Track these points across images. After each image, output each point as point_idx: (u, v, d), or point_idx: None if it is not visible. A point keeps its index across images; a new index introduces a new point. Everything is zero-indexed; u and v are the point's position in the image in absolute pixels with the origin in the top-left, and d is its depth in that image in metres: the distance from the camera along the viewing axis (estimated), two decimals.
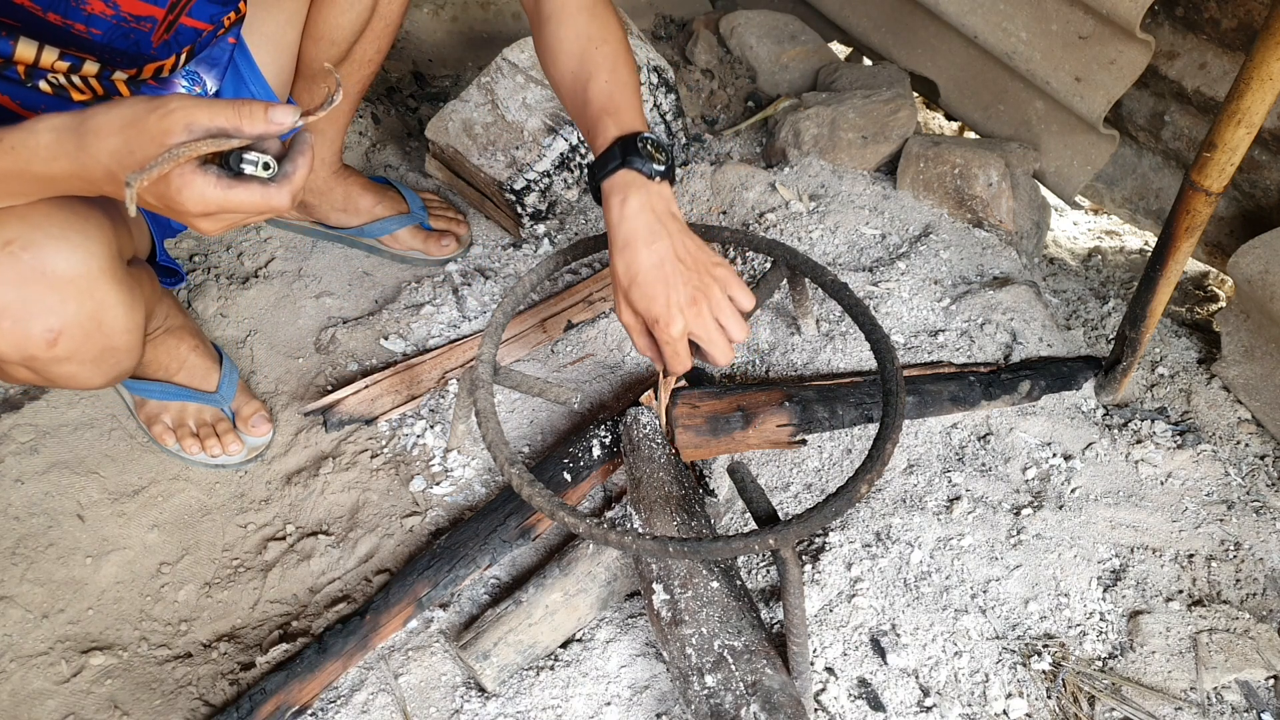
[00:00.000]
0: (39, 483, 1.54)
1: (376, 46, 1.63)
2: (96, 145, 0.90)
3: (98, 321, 1.11)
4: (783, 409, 1.47)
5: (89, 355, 1.13)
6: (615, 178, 1.18)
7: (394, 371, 1.70)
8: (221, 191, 0.91)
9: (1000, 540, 1.44)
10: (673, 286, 1.15)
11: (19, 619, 1.41)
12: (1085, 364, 1.68)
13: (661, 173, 1.19)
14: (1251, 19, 1.69)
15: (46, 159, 0.92)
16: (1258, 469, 1.60)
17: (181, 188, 0.90)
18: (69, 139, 0.91)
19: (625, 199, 1.17)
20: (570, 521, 1.14)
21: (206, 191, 0.90)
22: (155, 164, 0.87)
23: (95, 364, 1.15)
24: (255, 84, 1.51)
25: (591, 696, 1.28)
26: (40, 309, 1.06)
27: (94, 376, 1.17)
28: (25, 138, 0.91)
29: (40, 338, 1.07)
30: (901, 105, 2.08)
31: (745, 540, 1.10)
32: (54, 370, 1.12)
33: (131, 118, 0.89)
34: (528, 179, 1.86)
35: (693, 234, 1.20)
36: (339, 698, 1.31)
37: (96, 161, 0.90)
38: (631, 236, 1.16)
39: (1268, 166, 1.78)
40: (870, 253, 1.90)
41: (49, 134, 0.91)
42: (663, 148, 1.20)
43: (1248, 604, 1.42)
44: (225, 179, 0.91)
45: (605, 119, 1.21)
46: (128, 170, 0.89)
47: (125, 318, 1.14)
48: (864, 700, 1.26)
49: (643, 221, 1.16)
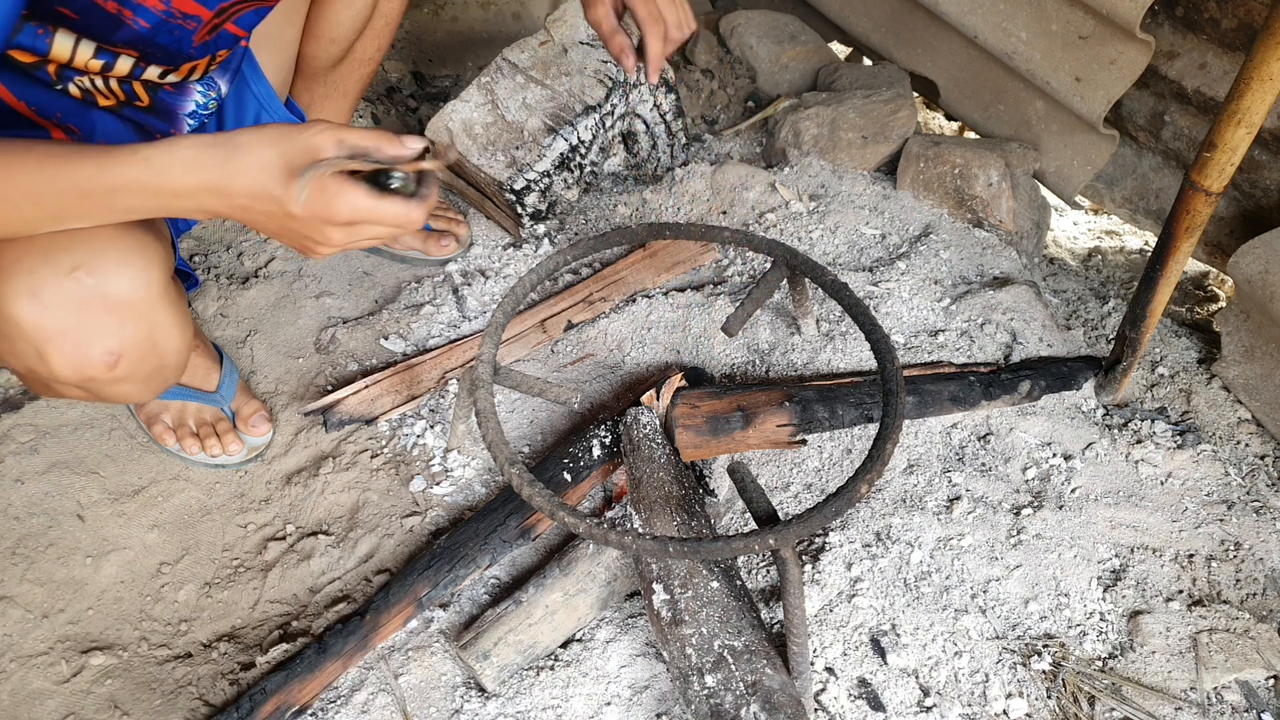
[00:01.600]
0: (39, 483, 1.54)
1: (376, 45, 1.63)
2: (246, 158, 0.94)
3: (153, 343, 1.13)
4: (783, 409, 1.47)
5: (142, 375, 1.14)
6: None
7: (394, 371, 1.70)
8: (373, 201, 0.96)
9: (1000, 540, 1.44)
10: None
11: (19, 619, 1.41)
12: (1085, 364, 1.68)
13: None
14: (1251, 19, 1.69)
15: (185, 171, 0.94)
16: (1258, 469, 1.60)
17: (338, 193, 0.95)
18: (214, 151, 0.94)
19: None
20: (570, 521, 1.14)
21: (359, 200, 0.96)
22: (318, 167, 0.94)
23: (146, 382, 1.17)
24: (257, 83, 1.51)
25: (591, 696, 1.28)
26: (101, 332, 1.08)
27: (144, 393, 1.19)
28: (165, 150, 0.94)
29: (100, 360, 1.09)
30: (901, 105, 2.08)
31: (745, 540, 1.10)
32: (108, 390, 1.13)
33: (281, 134, 0.95)
34: (528, 179, 1.86)
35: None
36: (339, 698, 1.31)
37: (241, 173, 0.94)
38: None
39: (1268, 166, 1.78)
40: (870, 253, 1.90)
41: (191, 148, 0.95)
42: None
43: (1248, 604, 1.42)
44: (375, 191, 0.97)
45: None
46: (275, 181, 0.94)
47: (178, 338, 1.16)
48: (864, 700, 1.26)
49: None
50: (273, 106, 1.56)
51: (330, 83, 1.63)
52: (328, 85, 1.63)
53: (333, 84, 1.63)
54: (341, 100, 1.68)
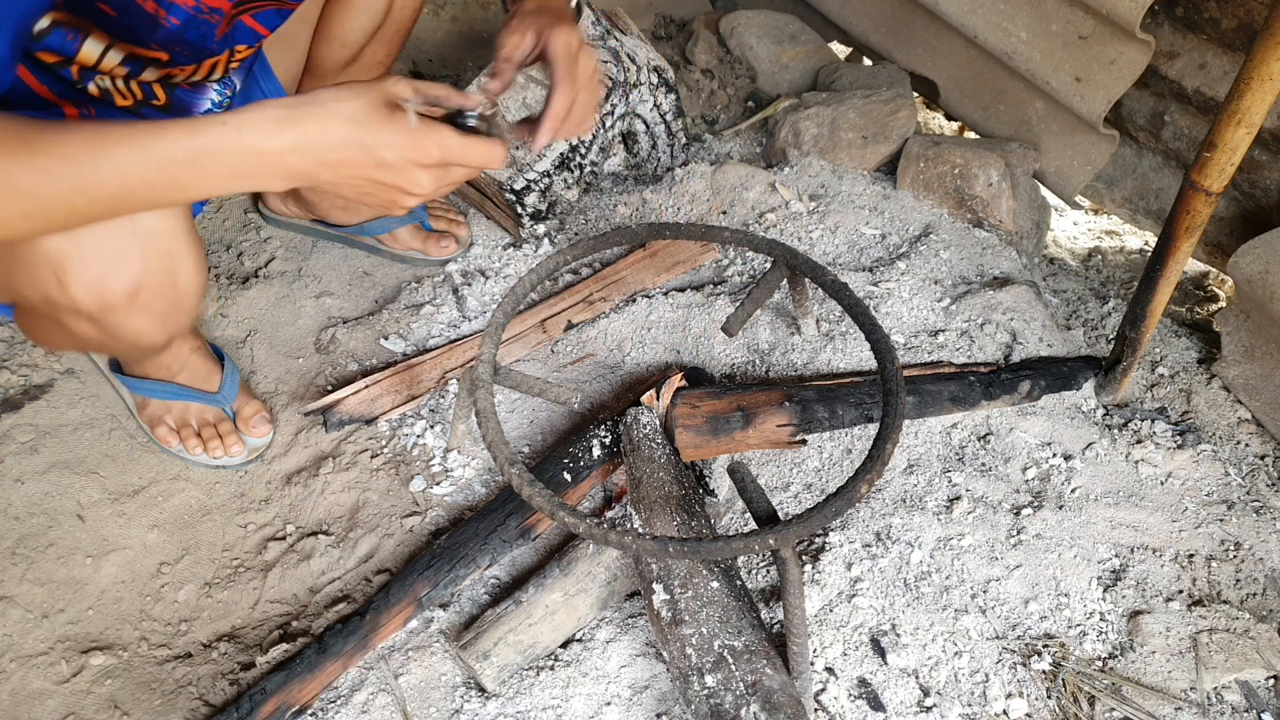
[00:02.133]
0: (39, 483, 1.54)
1: (386, 50, 1.63)
2: (333, 110, 0.96)
3: (173, 276, 1.12)
4: (783, 409, 1.47)
5: (159, 309, 1.13)
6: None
7: (394, 371, 1.70)
8: (461, 139, 1.00)
9: (1000, 540, 1.44)
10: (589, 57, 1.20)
11: (19, 619, 1.41)
12: (1085, 364, 1.68)
13: (577, 6, 1.25)
14: (1251, 19, 1.69)
15: (274, 131, 0.95)
16: (1258, 469, 1.60)
17: (427, 133, 0.98)
18: (301, 109, 0.95)
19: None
20: (570, 521, 1.14)
21: (449, 139, 0.99)
22: (411, 101, 0.99)
23: (163, 319, 1.15)
24: (266, 80, 1.52)
25: (591, 696, 1.28)
26: (123, 258, 1.07)
27: (157, 332, 1.17)
28: (251, 114, 0.95)
29: (122, 289, 1.08)
30: (901, 105, 2.08)
31: (745, 540, 1.10)
32: (124, 323, 1.12)
33: (362, 87, 0.98)
34: (528, 179, 1.86)
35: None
36: (339, 698, 1.31)
37: (329, 126, 0.96)
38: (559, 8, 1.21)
39: (1268, 166, 1.78)
40: (870, 253, 1.90)
41: (278, 108, 0.96)
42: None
43: (1248, 604, 1.42)
44: (463, 136, 1.01)
45: None
46: (365, 128, 0.96)
47: (195, 275, 1.16)
48: (864, 700, 1.26)
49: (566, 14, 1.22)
50: None
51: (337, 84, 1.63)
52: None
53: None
54: None
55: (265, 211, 1.94)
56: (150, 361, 1.57)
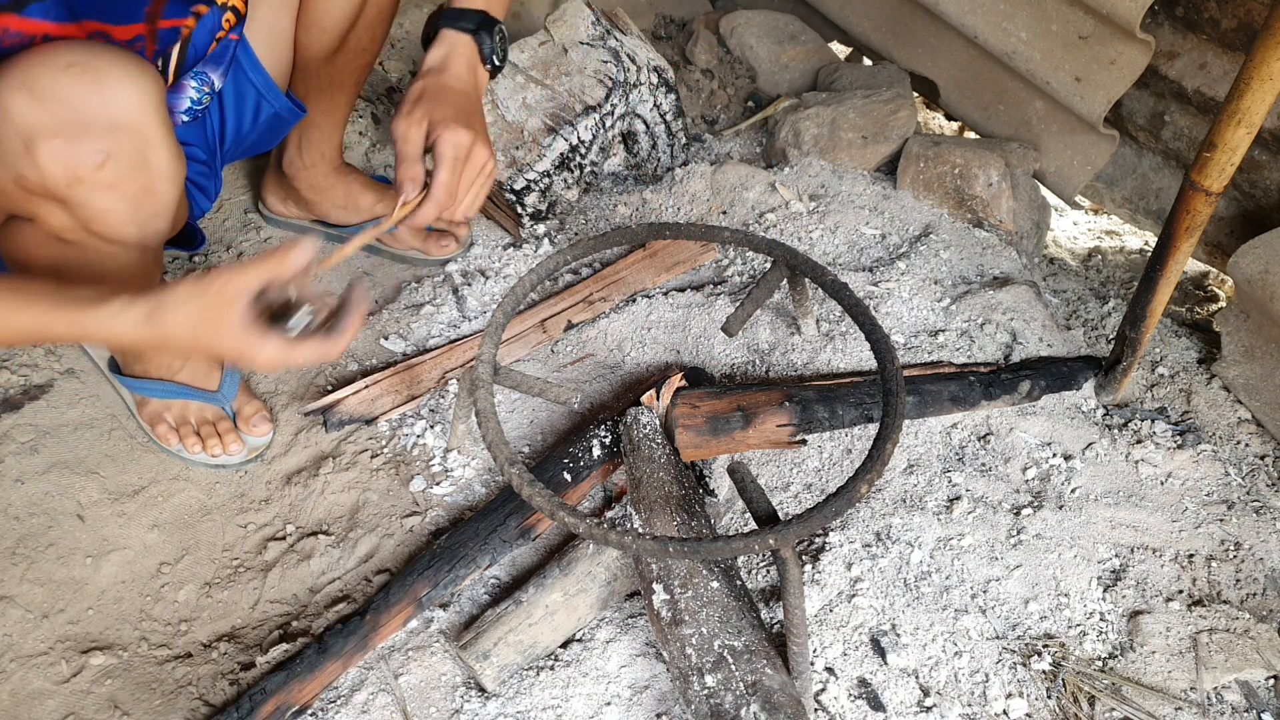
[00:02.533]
0: (39, 483, 1.54)
1: (370, 34, 1.63)
2: (178, 315, 1.05)
3: (144, 157, 1.12)
4: (783, 409, 1.47)
5: (131, 191, 1.13)
6: (459, 38, 1.26)
7: (394, 371, 1.70)
8: (286, 351, 1.05)
9: (1000, 540, 1.44)
10: (476, 114, 1.22)
11: (19, 619, 1.41)
12: (1085, 364, 1.68)
13: (496, 66, 1.28)
14: (1251, 19, 1.69)
15: (134, 330, 1.06)
16: (1258, 469, 1.60)
17: (258, 352, 1.05)
18: (155, 314, 1.05)
19: (458, 58, 1.25)
20: (570, 521, 1.14)
21: (274, 354, 1.05)
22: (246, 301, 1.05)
23: (135, 205, 1.15)
24: (255, 73, 1.52)
25: (591, 696, 1.28)
26: (92, 129, 1.07)
27: (129, 221, 1.16)
28: (119, 313, 1.05)
29: (91, 159, 1.07)
30: (901, 105, 2.08)
31: (745, 540, 1.10)
32: (93, 201, 1.11)
33: (202, 288, 1.04)
34: (528, 179, 1.86)
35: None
36: (339, 698, 1.31)
37: (178, 330, 1.05)
38: (457, 73, 1.25)
39: (1268, 166, 1.78)
40: (870, 253, 1.90)
41: (139, 311, 1.05)
42: (506, 52, 1.29)
43: (1248, 604, 1.42)
44: (289, 342, 1.06)
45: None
46: (203, 331, 1.05)
47: (169, 163, 1.15)
48: (864, 700, 1.26)
49: (463, 76, 1.25)
50: (273, 95, 1.56)
51: (326, 75, 1.62)
52: (322, 78, 1.63)
53: (328, 76, 1.63)
54: (338, 93, 1.67)
55: (265, 212, 1.94)
56: (150, 359, 1.57)
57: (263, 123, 1.60)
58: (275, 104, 1.57)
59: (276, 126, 1.63)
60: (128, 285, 1.11)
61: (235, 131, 1.58)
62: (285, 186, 1.85)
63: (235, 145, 1.61)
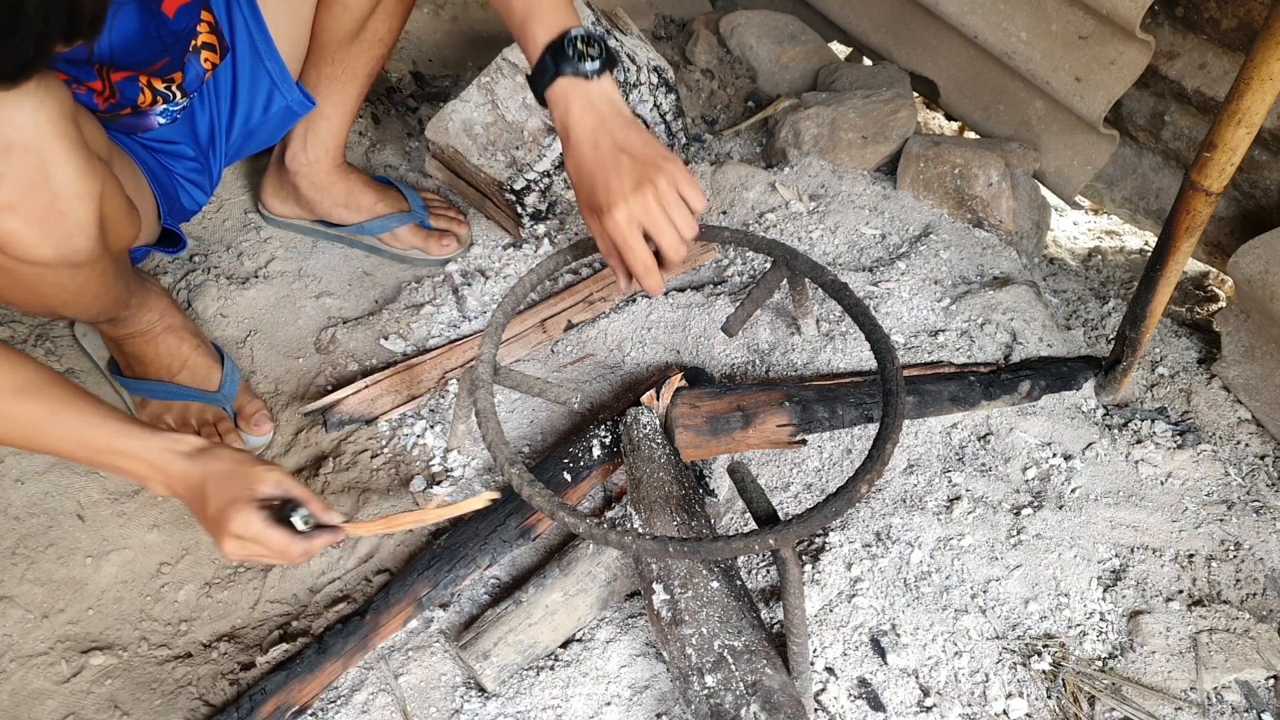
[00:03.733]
0: (39, 483, 1.54)
1: (388, 26, 1.63)
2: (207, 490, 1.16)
3: (44, 175, 1.08)
4: (783, 409, 1.47)
5: (35, 211, 1.10)
6: (554, 89, 1.19)
7: (394, 371, 1.70)
8: (261, 527, 1.13)
9: (1000, 540, 1.44)
10: (614, 174, 1.15)
11: (19, 619, 1.41)
12: (1085, 364, 1.68)
13: (597, 69, 1.19)
14: (1251, 19, 1.69)
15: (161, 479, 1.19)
16: (1258, 469, 1.60)
17: (236, 514, 1.13)
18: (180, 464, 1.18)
19: (567, 107, 1.19)
20: (570, 521, 1.14)
21: (252, 523, 1.13)
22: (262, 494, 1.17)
23: (42, 224, 1.11)
24: (270, 59, 1.52)
25: (591, 696, 1.28)
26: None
27: (41, 242, 1.13)
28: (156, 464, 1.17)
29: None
30: (901, 105, 2.08)
31: (745, 540, 1.10)
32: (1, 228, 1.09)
33: (229, 469, 1.17)
34: (528, 179, 1.86)
35: (640, 128, 1.21)
36: (339, 698, 1.31)
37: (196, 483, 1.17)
38: (577, 138, 1.19)
39: (1268, 166, 1.78)
40: (870, 253, 1.90)
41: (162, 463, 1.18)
42: (593, 39, 1.19)
43: (1248, 604, 1.42)
44: (268, 522, 1.14)
45: (529, 25, 1.21)
46: (218, 500, 1.15)
47: (76, 180, 1.12)
48: (864, 700, 1.26)
49: (586, 123, 1.18)
50: (286, 85, 1.56)
51: (340, 62, 1.62)
52: (336, 65, 1.62)
53: (341, 63, 1.62)
54: (350, 84, 1.67)
55: (265, 212, 1.94)
56: (150, 361, 1.57)
57: (273, 114, 1.59)
58: (288, 96, 1.57)
59: (285, 119, 1.63)
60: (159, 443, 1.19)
61: (245, 121, 1.58)
62: (286, 185, 1.85)
63: (242, 136, 1.60)
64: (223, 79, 1.53)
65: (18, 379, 1.14)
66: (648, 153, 1.17)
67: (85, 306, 1.33)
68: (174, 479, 1.18)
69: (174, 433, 1.20)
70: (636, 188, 1.15)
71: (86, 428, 1.16)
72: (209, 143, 1.57)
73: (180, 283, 1.85)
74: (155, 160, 1.49)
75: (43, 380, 1.16)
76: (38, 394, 1.14)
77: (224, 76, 1.53)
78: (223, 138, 1.58)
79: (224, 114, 1.56)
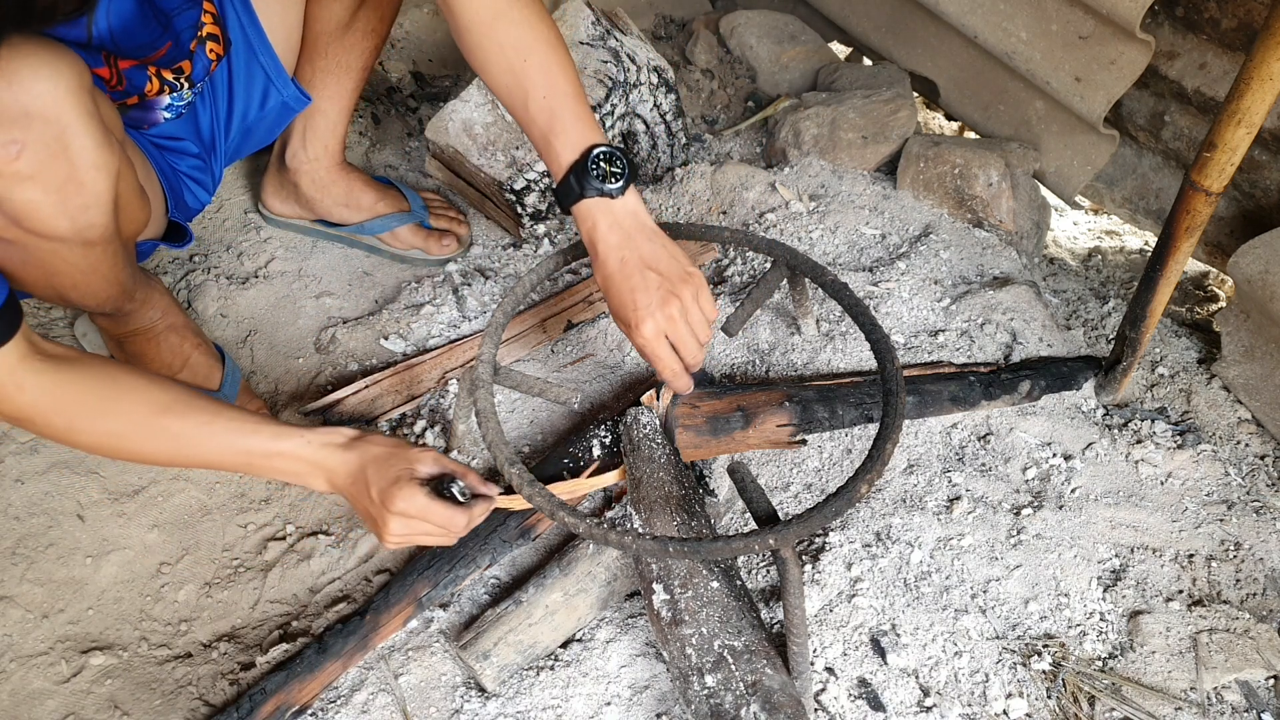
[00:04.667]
0: (39, 483, 1.54)
1: (379, 15, 1.63)
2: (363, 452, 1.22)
3: (64, 145, 1.09)
4: (783, 409, 1.47)
5: (54, 181, 1.10)
6: (579, 207, 1.25)
7: (394, 371, 1.70)
8: (426, 501, 1.17)
9: (1000, 540, 1.44)
10: (641, 290, 1.23)
11: (19, 619, 1.41)
12: (1085, 364, 1.68)
13: (620, 188, 1.24)
14: (1251, 19, 1.69)
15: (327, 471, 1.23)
16: (1258, 469, 1.60)
17: (400, 491, 1.17)
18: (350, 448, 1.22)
19: (594, 225, 1.25)
20: (570, 521, 1.14)
21: (417, 498, 1.17)
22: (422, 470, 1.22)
23: (61, 196, 1.12)
24: (265, 55, 1.52)
25: (591, 696, 1.28)
26: (4, 121, 1.04)
27: (58, 214, 1.14)
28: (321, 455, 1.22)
29: (3, 151, 1.04)
30: (901, 105, 2.08)
31: (745, 540, 1.10)
32: (16, 195, 1.09)
33: (395, 450, 1.22)
34: (528, 179, 1.86)
35: (664, 241, 1.27)
36: (339, 698, 1.31)
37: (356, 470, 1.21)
38: (604, 254, 1.25)
39: (1268, 166, 1.78)
40: (870, 253, 1.90)
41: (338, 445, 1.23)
42: (616, 157, 1.23)
43: (1248, 604, 1.42)
44: (432, 496, 1.19)
45: (552, 143, 1.25)
46: (380, 481, 1.19)
47: (94, 151, 1.12)
48: (864, 700, 1.26)
49: (612, 240, 1.25)
50: (281, 81, 1.56)
51: (333, 55, 1.62)
52: (329, 58, 1.62)
53: (335, 56, 1.62)
54: (345, 78, 1.67)
55: (265, 211, 1.94)
56: (151, 359, 1.57)
57: (269, 110, 1.59)
58: (283, 91, 1.57)
59: (282, 115, 1.63)
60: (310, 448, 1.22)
61: (242, 118, 1.58)
62: (286, 185, 1.85)
63: (240, 134, 1.60)
64: (220, 76, 1.53)
65: (165, 397, 1.18)
66: (672, 269, 1.25)
67: (94, 290, 1.33)
68: (335, 471, 1.21)
69: (326, 427, 1.24)
70: (663, 304, 1.23)
71: (242, 435, 1.19)
72: (210, 140, 1.57)
73: (180, 283, 1.85)
74: (161, 157, 1.49)
75: (187, 396, 1.20)
76: (186, 409, 1.18)
77: (220, 73, 1.53)
78: (222, 135, 1.58)
79: (222, 111, 1.56)
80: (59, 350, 1.17)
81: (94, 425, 1.16)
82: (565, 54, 1.28)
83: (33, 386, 1.12)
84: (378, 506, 1.18)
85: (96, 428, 1.16)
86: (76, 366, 1.16)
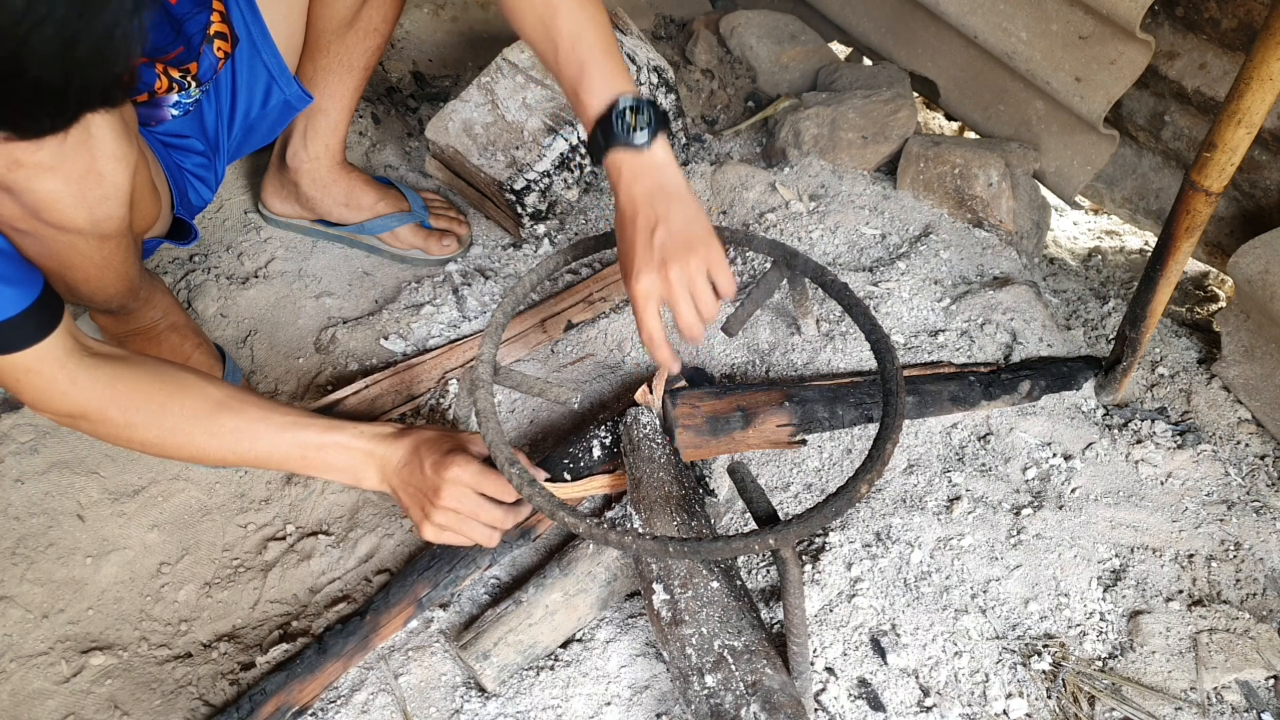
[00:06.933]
0: (39, 483, 1.54)
1: (382, 14, 1.63)
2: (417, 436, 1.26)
3: (85, 134, 1.09)
4: (783, 409, 1.47)
5: (74, 172, 1.10)
6: (608, 159, 1.23)
7: (394, 371, 1.70)
8: (480, 468, 1.20)
9: (1000, 540, 1.44)
10: (646, 246, 1.19)
11: (19, 619, 1.41)
12: (1085, 364, 1.68)
13: (646, 140, 1.20)
14: (1251, 19, 1.69)
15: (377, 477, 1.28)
16: (1258, 469, 1.60)
17: (454, 460, 1.19)
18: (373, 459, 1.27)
19: (618, 176, 1.23)
20: (570, 521, 1.14)
21: (472, 465, 1.20)
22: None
23: (80, 186, 1.11)
24: (268, 52, 1.53)
25: (591, 696, 1.28)
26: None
27: (77, 205, 1.13)
28: (372, 446, 1.26)
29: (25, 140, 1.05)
30: (901, 105, 2.08)
31: (745, 540, 1.10)
32: (36, 185, 1.08)
33: (447, 436, 1.27)
34: (528, 179, 1.86)
35: (686, 201, 1.22)
36: (339, 698, 1.31)
37: (409, 452, 1.25)
38: (622, 206, 1.23)
39: (1268, 166, 1.78)
40: (870, 253, 1.90)
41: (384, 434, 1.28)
42: (642, 107, 1.20)
43: (1248, 604, 1.42)
44: (489, 468, 1.21)
45: (580, 94, 1.23)
46: (434, 454, 1.23)
47: (113, 141, 1.12)
48: (864, 700, 1.26)
49: (632, 192, 1.21)
50: (284, 79, 1.56)
51: (335, 53, 1.62)
52: (332, 56, 1.62)
53: (337, 55, 1.62)
54: (347, 76, 1.67)
55: (265, 211, 1.94)
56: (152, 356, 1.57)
57: (271, 108, 1.60)
58: (286, 90, 1.57)
59: (283, 114, 1.63)
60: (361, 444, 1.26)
61: (245, 116, 1.58)
62: (287, 184, 1.85)
63: (243, 132, 1.60)
64: (224, 73, 1.53)
65: (219, 393, 1.20)
66: (687, 231, 1.19)
67: (105, 284, 1.32)
68: (387, 459, 1.23)
69: (373, 422, 1.26)
70: (663, 263, 1.18)
71: (296, 429, 1.21)
72: (214, 138, 1.57)
73: (180, 282, 1.85)
74: (167, 154, 1.49)
75: (239, 393, 1.21)
76: (242, 404, 1.20)
77: (224, 71, 1.53)
78: (225, 133, 1.58)
79: (225, 109, 1.56)
80: (105, 348, 1.17)
81: (155, 420, 1.16)
82: (596, 6, 1.25)
83: (86, 381, 1.12)
84: (431, 478, 1.17)
85: (158, 423, 1.17)
86: (130, 363, 1.17)
